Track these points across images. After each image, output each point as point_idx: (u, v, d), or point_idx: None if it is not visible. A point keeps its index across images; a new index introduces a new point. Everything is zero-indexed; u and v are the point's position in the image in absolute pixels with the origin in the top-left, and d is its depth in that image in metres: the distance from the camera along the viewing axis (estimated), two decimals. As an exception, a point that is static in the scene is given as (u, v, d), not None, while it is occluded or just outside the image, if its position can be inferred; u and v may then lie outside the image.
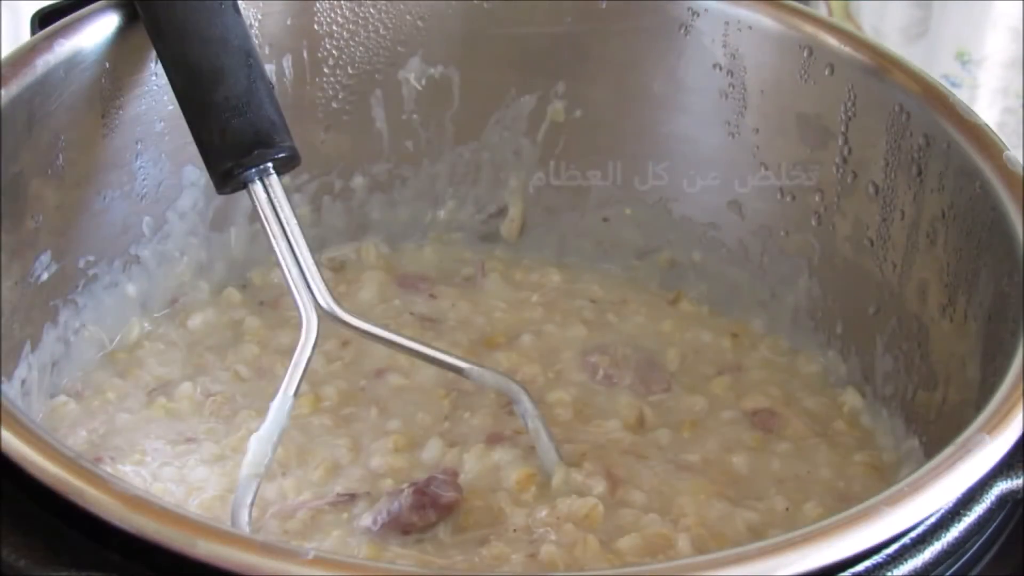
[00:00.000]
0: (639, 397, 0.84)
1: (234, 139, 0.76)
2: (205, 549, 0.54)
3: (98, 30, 0.78)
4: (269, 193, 0.77)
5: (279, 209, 0.77)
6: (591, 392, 0.84)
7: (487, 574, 0.71)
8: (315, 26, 0.87)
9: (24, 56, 0.76)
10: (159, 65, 0.79)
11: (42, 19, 0.80)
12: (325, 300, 0.77)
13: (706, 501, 0.77)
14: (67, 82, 0.77)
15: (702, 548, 0.73)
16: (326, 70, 0.88)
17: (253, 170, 0.76)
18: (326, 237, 0.92)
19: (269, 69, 0.85)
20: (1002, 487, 0.62)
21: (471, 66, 0.91)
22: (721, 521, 0.76)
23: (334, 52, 0.88)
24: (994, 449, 0.61)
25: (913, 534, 0.60)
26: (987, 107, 1.19)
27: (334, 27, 0.87)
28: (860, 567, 0.58)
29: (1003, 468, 0.62)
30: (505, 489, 0.77)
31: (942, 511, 0.61)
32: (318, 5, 0.87)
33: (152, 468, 0.77)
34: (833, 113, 0.84)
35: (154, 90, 0.81)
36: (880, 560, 0.59)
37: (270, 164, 0.77)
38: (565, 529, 0.74)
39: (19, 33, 1.15)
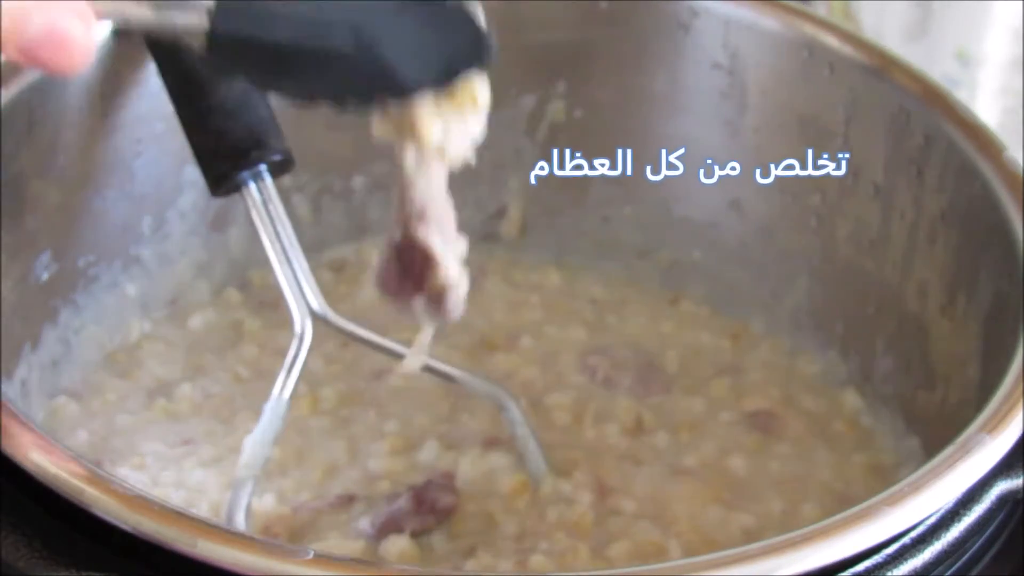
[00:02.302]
0: (638, 400, 0.84)
1: (230, 141, 0.76)
2: (205, 549, 0.54)
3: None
4: (263, 196, 0.77)
5: (273, 212, 0.77)
6: (590, 395, 0.84)
7: (485, 574, 0.71)
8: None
9: (24, 56, 0.76)
10: (158, 65, 0.79)
11: (42, 19, 0.80)
12: (318, 304, 0.76)
13: (700, 506, 0.76)
14: (67, 82, 0.77)
15: (693, 553, 0.73)
16: (326, 70, 0.88)
17: (247, 173, 0.76)
18: (326, 237, 0.92)
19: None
20: (1002, 487, 0.62)
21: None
22: (715, 526, 0.75)
23: (334, 52, 0.88)
24: (994, 449, 0.61)
25: (913, 534, 0.60)
26: (987, 107, 1.18)
27: (334, 27, 0.87)
28: (860, 567, 0.58)
29: (1003, 468, 0.62)
30: (499, 495, 0.76)
31: (942, 511, 0.61)
32: (318, 5, 0.86)
33: (152, 472, 0.77)
34: (833, 113, 0.84)
35: (154, 90, 0.80)
36: (880, 560, 0.59)
37: (264, 167, 0.77)
38: (556, 537, 0.74)
39: (19, 33, 1.14)
